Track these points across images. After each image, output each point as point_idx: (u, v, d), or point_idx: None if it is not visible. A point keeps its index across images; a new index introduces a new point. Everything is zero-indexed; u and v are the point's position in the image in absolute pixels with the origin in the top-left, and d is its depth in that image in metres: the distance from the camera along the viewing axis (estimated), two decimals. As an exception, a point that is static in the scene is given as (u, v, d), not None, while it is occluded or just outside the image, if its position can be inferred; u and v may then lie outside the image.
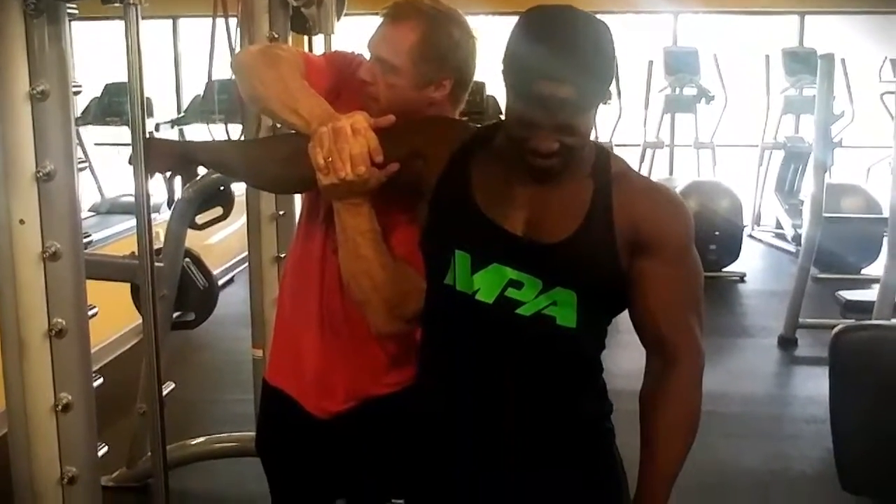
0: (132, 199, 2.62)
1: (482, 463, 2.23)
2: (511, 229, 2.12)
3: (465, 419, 2.24)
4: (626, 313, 2.22)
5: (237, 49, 3.71)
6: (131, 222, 2.72)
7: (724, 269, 9.34)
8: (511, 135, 2.07)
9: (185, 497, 4.73)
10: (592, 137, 2.15)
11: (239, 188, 4.35)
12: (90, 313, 2.48)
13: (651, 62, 11.15)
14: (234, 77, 2.67)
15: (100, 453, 2.59)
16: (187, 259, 4.56)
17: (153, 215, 2.65)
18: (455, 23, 2.49)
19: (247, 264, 4.34)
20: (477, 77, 2.60)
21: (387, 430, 2.58)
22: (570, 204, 2.11)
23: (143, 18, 2.44)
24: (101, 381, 2.57)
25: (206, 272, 4.68)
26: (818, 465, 5.10)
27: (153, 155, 2.55)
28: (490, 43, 2.61)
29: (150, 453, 3.40)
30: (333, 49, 3.97)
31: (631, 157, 11.32)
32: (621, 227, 2.10)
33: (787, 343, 7.38)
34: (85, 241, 2.47)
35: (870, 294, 6.85)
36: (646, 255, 2.12)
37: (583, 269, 2.10)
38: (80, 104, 9.17)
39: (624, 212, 2.10)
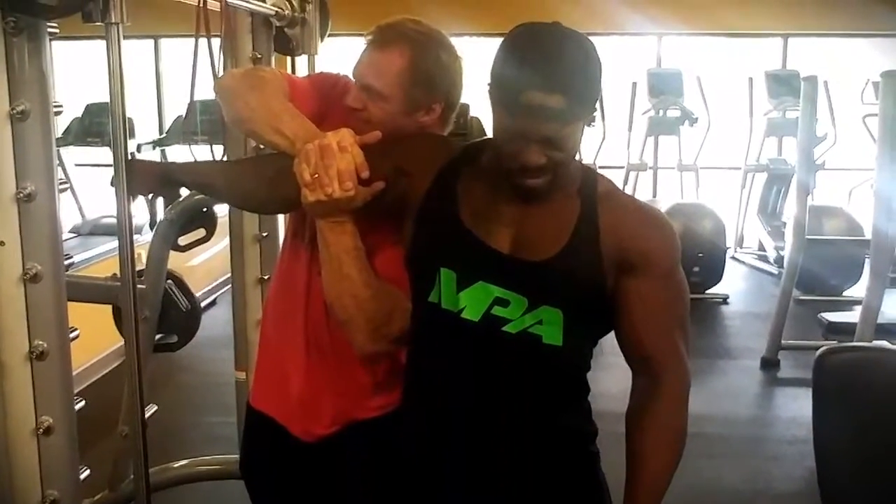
0: (114, 220, 2.61)
1: (469, 483, 2.22)
2: (497, 247, 2.12)
3: (451, 439, 2.24)
4: (611, 334, 2.22)
5: (220, 69, 3.70)
6: (113, 244, 2.71)
7: (708, 291, 9.35)
8: (500, 152, 2.07)
9: (168, 520, 4.71)
10: (576, 160, 2.15)
11: (222, 209, 4.34)
12: (72, 335, 2.47)
13: (635, 84, 11.17)
14: (217, 99, 2.64)
15: (82, 476, 2.58)
16: (170, 281, 4.54)
17: (135, 237, 2.64)
18: (441, 45, 2.48)
19: (230, 286, 4.32)
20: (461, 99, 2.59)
21: (372, 454, 2.56)
22: (556, 222, 2.12)
23: (124, 38, 2.43)
24: (82, 403, 2.56)
25: (188, 294, 4.65)
26: (800, 486, 5.12)
27: (135, 176, 2.54)
28: (474, 65, 2.61)
29: (132, 476, 3.38)
30: (317, 70, 3.97)
31: (615, 180, 11.32)
32: (608, 246, 2.10)
33: (769, 364, 7.39)
34: (66, 262, 2.46)
35: (852, 316, 6.86)
36: (633, 274, 2.12)
37: (568, 287, 2.10)
38: (60, 124, 9.15)
39: (610, 231, 2.11)
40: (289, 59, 4.24)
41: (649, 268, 2.12)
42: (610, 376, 2.26)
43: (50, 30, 2.30)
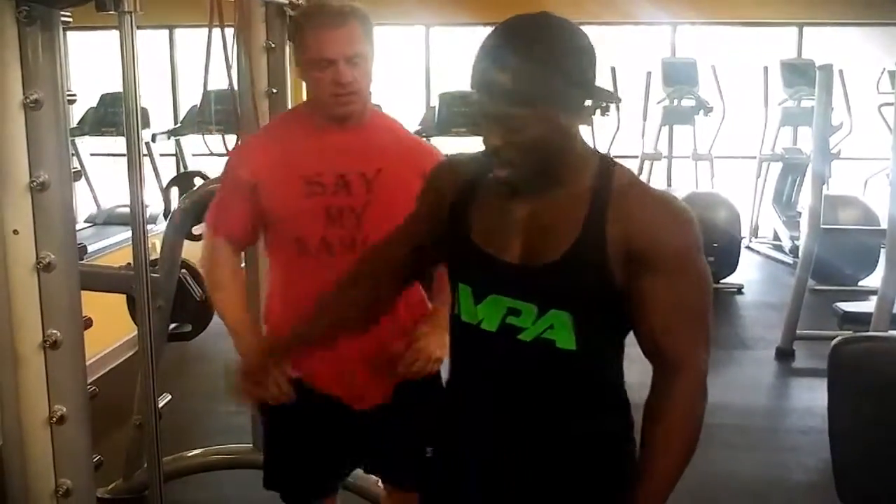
0: (128, 209, 2.62)
1: (490, 482, 2.23)
2: (504, 258, 2.13)
3: (479, 444, 2.25)
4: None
5: (233, 59, 3.71)
6: (128, 233, 2.72)
7: (722, 281, 9.32)
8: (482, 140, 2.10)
9: (181, 509, 4.72)
10: (591, 153, 2.14)
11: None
12: (85, 324, 2.47)
13: (649, 73, 11.14)
14: None
15: (95, 465, 2.58)
16: (184, 270, 4.55)
17: (150, 226, 2.65)
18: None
19: (244, 276, 4.32)
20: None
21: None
22: (563, 224, 2.09)
23: (138, 28, 2.44)
24: (94, 390, 2.56)
25: (202, 283, 4.65)
26: (815, 476, 5.10)
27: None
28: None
29: (145, 465, 3.39)
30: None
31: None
32: (615, 243, 2.05)
33: (784, 355, 7.36)
34: (80, 251, 2.46)
35: (867, 306, 6.82)
36: (643, 269, 2.06)
37: (573, 289, 2.08)
38: (75, 114, 9.17)
39: (618, 228, 2.06)
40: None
41: (660, 263, 2.06)
42: (631, 367, 2.23)
43: (63, 19, 2.31)
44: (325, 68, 2.74)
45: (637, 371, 2.27)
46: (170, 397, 4.55)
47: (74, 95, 2.41)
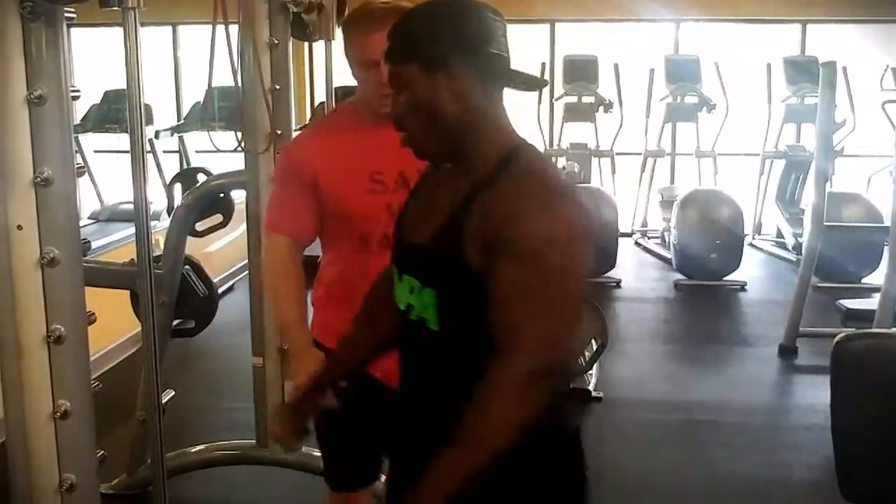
0: (132, 206, 2.62)
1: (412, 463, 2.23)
2: (412, 238, 2.18)
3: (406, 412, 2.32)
4: (630, 317, 2.19)
5: (237, 56, 3.71)
6: (131, 230, 2.72)
7: (725, 278, 9.32)
8: None
9: (185, 505, 4.73)
10: (592, 146, 2.14)
11: (239, 195, 4.35)
12: (89, 320, 2.48)
13: (652, 70, 11.15)
14: None
15: (98, 461, 2.59)
16: (187, 266, 4.56)
17: (153, 222, 2.65)
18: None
19: (247, 272, 4.33)
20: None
21: None
22: (448, 204, 2.10)
23: (142, 25, 2.44)
24: (98, 385, 2.57)
25: (206, 280, 4.67)
26: (818, 474, 5.09)
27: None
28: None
29: (149, 461, 3.39)
30: (333, 59, 4.00)
31: (632, 166, 11.33)
32: (476, 226, 2.00)
33: (787, 352, 7.35)
34: (84, 247, 2.47)
35: (870, 303, 6.83)
36: (497, 253, 1.97)
37: (435, 268, 2.10)
38: (79, 111, 9.18)
39: (484, 210, 2.01)
40: (306, 44, 4.26)
41: (510, 247, 1.95)
42: (624, 363, 2.20)
43: (67, 15, 2.31)
44: (369, 69, 2.80)
45: (632, 366, 2.25)
46: (173, 393, 4.56)
47: (78, 91, 2.42)
